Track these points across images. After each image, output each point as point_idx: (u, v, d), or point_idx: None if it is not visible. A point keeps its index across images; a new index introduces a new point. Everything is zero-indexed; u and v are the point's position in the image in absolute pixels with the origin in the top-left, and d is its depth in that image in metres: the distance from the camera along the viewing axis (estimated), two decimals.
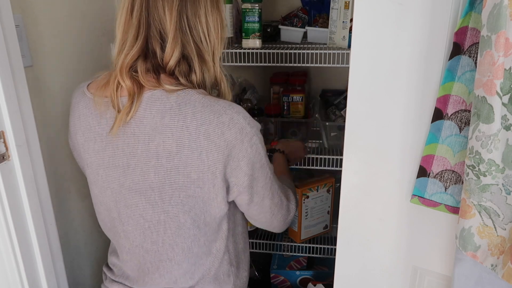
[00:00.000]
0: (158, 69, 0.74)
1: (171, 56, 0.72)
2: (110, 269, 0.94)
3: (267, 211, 0.84)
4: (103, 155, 0.77)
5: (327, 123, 1.32)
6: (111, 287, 0.91)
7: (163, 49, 0.72)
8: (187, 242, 0.79)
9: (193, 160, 0.71)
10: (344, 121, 0.73)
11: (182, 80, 0.73)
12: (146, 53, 0.73)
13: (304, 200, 1.33)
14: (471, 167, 0.57)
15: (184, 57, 0.74)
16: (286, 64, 1.20)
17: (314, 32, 1.29)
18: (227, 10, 1.19)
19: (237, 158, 0.73)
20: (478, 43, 0.59)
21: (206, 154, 0.71)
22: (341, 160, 0.75)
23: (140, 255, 0.82)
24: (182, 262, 0.81)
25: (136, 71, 0.72)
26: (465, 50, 0.61)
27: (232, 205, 0.83)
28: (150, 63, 0.73)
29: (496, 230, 0.58)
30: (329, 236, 1.46)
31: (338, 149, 1.32)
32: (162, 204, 0.75)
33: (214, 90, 0.81)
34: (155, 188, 0.74)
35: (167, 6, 0.70)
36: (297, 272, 1.48)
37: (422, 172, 0.68)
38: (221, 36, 0.78)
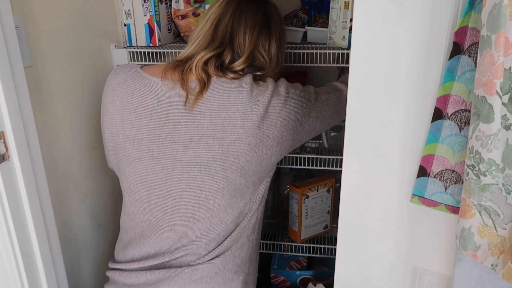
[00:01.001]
0: (223, 67, 0.89)
1: (237, 67, 0.87)
2: (118, 263, 0.94)
3: (329, 120, 0.99)
4: (160, 132, 0.85)
5: None
6: (130, 277, 0.92)
7: (233, 58, 0.88)
8: (240, 201, 0.90)
9: (253, 129, 0.84)
10: (344, 121, 0.73)
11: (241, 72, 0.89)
12: (219, 55, 0.88)
13: (304, 200, 1.33)
14: (471, 167, 0.57)
15: (249, 65, 0.91)
16: (286, 64, 1.20)
17: (314, 32, 1.29)
18: None
19: (287, 115, 0.87)
20: (478, 42, 0.59)
21: (263, 121, 0.84)
22: (341, 160, 0.75)
23: (189, 226, 0.89)
24: (230, 222, 0.90)
25: (206, 65, 0.86)
26: (465, 49, 0.61)
27: (271, 175, 0.96)
28: (220, 62, 0.87)
29: (496, 229, 0.58)
30: (329, 236, 1.46)
31: (338, 149, 1.32)
32: (223, 172, 0.85)
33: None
34: (217, 159, 0.85)
35: (249, 30, 0.89)
36: (297, 272, 1.48)
37: (422, 172, 0.68)
38: (280, 61, 0.98)
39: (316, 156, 1.28)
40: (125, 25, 1.27)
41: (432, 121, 0.66)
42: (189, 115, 0.84)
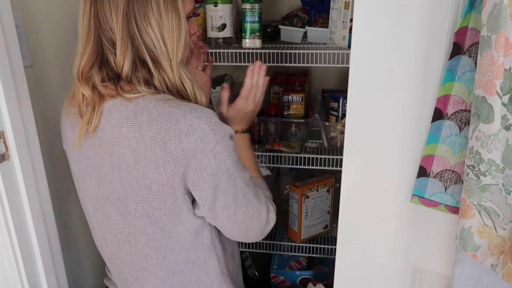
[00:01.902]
0: (117, 76, 0.70)
1: (123, 63, 0.68)
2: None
3: (239, 225, 0.77)
4: (80, 164, 0.77)
5: (327, 123, 1.32)
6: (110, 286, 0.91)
7: (116, 55, 0.68)
8: (161, 252, 0.75)
9: (150, 172, 0.67)
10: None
11: (140, 87, 0.69)
12: (101, 61, 0.70)
13: (304, 200, 1.33)
14: (471, 167, 0.57)
15: (142, 63, 0.69)
16: (286, 64, 1.20)
17: (314, 32, 1.29)
18: (227, 10, 1.19)
19: (198, 170, 0.67)
20: (478, 43, 0.59)
21: (163, 165, 0.66)
22: (341, 160, 0.75)
23: (118, 265, 0.82)
24: (158, 272, 0.78)
25: (90, 79, 0.70)
26: (465, 50, 0.61)
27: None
28: (105, 71, 0.70)
29: (496, 230, 0.58)
30: (329, 236, 1.46)
31: (338, 149, 1.32)
32: (128, 216, 0.73)
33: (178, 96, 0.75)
34: (122, 200, 0.72)
35: (113, 10, 0.66)
36: (297, 272, 1.48)
37: (422, 172, 0.68)
38: (178, 39, 0.70)
39: (316, 156, 1.28)
40: None
41: (432, 121, 0.66)
42: (94, 147, 0.72)
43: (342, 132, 1.29)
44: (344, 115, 1.29)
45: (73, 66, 0.72)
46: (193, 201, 0.74)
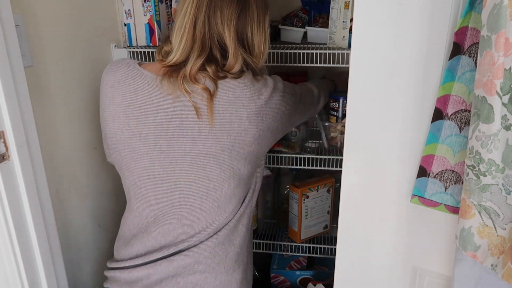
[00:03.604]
0: (219, 67, 0.89)
1: (235, 64, 0.87)
2: (120, 261, 0.95)
3: (307, 111, 1.06)
4: (168, 127, 0.86)
5: (326, 124, 1.32)
6: (132, 272, 0.93)
7: (224, 56, 0.88)
8: (241, 190, 0.93)
9: (257, 122, 0.86)
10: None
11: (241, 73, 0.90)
12: (210, 58, 0.87)
13: (304, 200, 1.33)
14: (471, 167, 0.57)
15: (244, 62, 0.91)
16: (286, 64, 1.20)
17: (314, 32, 1.29)
18: None
19: (279, 110, 0.90)
20: (478, 43, 0.59)
21: (264, 116, 0.87)
22: (341, 160, 0.75)
23: (195, 217, 0.91)
24: (231, 211, 0.93)
25: (205, 70, 0.86)
26: (465, 50, 0.61)
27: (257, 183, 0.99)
28: (214, 65, 0.87)
29: (496, 230, 0.58)
30: (329, 236, 1.46)
31: (338, 149, 1.32)
32: (230, 161, 0.88)
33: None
34: (225, 149, 0.86)
35: (226, 24, 0.86)
36: (297, 272, 1.48)
37: (422, 172, 0.68)
38: (264, 53, 0.95)
39: (316, 156, 1.28)
40: (125, 25, 1.27)
41: (432, 121, 0.66)
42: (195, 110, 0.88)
43: (342, 133, 1.29)
44: (344, 115, 1.29)
45: (177, 55, 0.87)
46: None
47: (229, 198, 0.91)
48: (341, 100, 1.28)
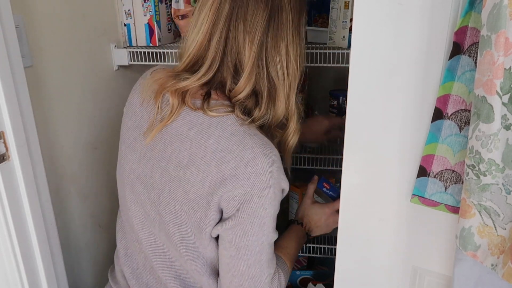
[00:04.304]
0: (208, 94, 0.70)
1: (242, 91, 0.68)
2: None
3: (235, 275, 0.71)
4: (133, 134, 0.78)
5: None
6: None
7: (234, 81, 0.68)
8: (173, 253, 0.76)
9: (195, 180, 0.68)
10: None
11: (240, 113, 0.68)
12: (212, 81, 0.70)
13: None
14: (471, 167, 0.57)
15: (254, 92, 0.69)
16: None
17: (314, 32, 1.29)
18: None
19: (239, 200, 0.66)
20: (478, 42, 0.59)
21: (210, 180, 0.66)
22: (341, 160, 0.75)
23: (136, 247, 0.83)
24: (164, 270, 0.78)
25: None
26: (465, 49, 0.61)
27: None
28: (206, 88, 0.69)
29: (496, 229, 0.58)
30: (329, 236, 1.46)
31: (338, 149, 1.32)
32: (158, 205, 0.74)
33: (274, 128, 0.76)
34: (157, 189, 0.73)
35: (248, 39, 0.65)
36: (297, 272, 1.48)
37: (422, 172, 0.68)
38: (298, 68, 0.71)
39: (316, 156, 1.28)
40: (125, 25, 1.27)
41: (432, 121, 0.66)
42: (159, 135, 0.74)
43: (341, 129, 1.29)
44: (343, 113, 1.29)
45: (184, 74, 0.70)
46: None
47: (161, 246, 0.80)
48: (340, 98, 1.29)
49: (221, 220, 0.71)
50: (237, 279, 0.71)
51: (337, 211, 0.85)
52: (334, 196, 1.04)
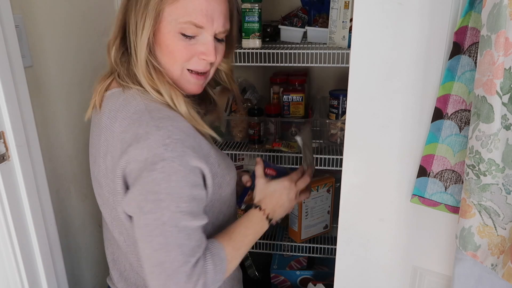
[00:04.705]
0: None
1: (113, 43, 0.75)
2: None
3: (144, 260, 0.66)
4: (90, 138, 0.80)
5: (327, 121, 1.32)
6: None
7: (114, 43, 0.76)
8: (116, 236, 0.75)
9: (100, 164, 0.71)
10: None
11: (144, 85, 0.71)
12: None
13: (304, 200, 1.33)
14: (471, 167, 0.57)
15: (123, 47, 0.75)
16: (286, 64, 1.20)
17: (314, 32, 1.29)
18: None
19: (133, 175, 0.64)
20: (478, 42, 0.59)
21: (111, 158, 0.67)
22: (341, 160, 0.75)
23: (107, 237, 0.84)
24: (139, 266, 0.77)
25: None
26: (465, 49, 0.61)
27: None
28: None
29: (496, 229, 0.58)
30: (329, 236, 1.46)
31: (338, 149, 1.32)
32: (100, 198, 0.76)
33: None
34: (100, 184, 0.74)
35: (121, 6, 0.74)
36: (297, 272, 1.48)
37: (422, 172, 0.68)
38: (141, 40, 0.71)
39: (316, 156, 1.28)
40: None
41: (432, 121, 0.66)
42: (94, 126, 0.77)
43: (342, 129, 1.29)
44: (344, 112, 1.29)
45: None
46: None
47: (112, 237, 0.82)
48: (340, 98, 1.29)
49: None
50: (146, 264, 0.66)
51: (299, 181, 0.85)
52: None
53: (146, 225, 0.64)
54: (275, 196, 0.83)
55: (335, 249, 0.81)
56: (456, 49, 0.61)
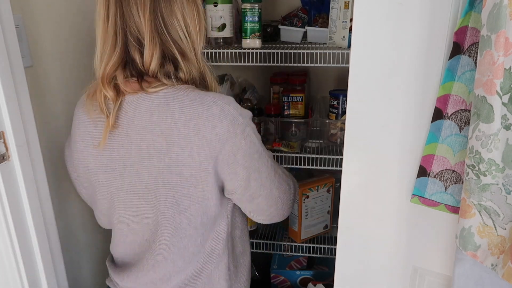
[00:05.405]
0: (141, 74, 0.72)
1: (151, 60, 0.70)
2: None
3: (277, 201, 0.81)
4: (102, 159, 0.76)
5: (327, 121, 1.32)
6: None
7: (142, 54, 0.70)
8: (184, 241, 0.77)
9: (184, 158, 0.69)
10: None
11: (167, 81, 0.71)
12: (126, 62, 0.72)
13: (304, 200, 1.33)
14: (471, 167, 0.57)
15: (168, 58, 0.72)
16: (286, 64, 1.20)
17: (314, 32, 1.29)
18: (226, 10, 1.19)
19: (232, 152, 0.70)
20: (478, 42, 0.59)
21: (197, 150, 0.68)
22: (341, 160, 0.75)
23: (137, 252, 0.83)
24: (177, 261, 0.79)
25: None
26: (465, 49, 0.61)
27: (230, 206, 0.81)
28: (129, 70, 0.72)
29: (496, 229, 0.58)
30: (329, 236, 1.46)
31: (338, 149, 1.32)
32: (158, 205, 0.74)
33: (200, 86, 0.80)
34: (151, 189, 0.73)
35: (140, 8, 0.68)
36: (297, 272, 1.48)
37: (422, 172, 0.68)
38: (199, 30, 0.75)
39: (316, 156, 1.28)
40: None
41: (432, 121, 0.66)
42: (119, 139, 0.73)
43: (342, 129, 1.29)
44: (344, 112, 1.29)
45: (95, 68, 0.74)
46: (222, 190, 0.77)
47: (166, 247, 0.81)
48: (340, 98, 1.29)
49: (227, 184, 0.75)
50: (278, 203, 0.81)
51: None
52: None
53: (267, 177, 0.77)
54: None
55: (335, 249, 0.81)
56: (456, 49, 0.61)
